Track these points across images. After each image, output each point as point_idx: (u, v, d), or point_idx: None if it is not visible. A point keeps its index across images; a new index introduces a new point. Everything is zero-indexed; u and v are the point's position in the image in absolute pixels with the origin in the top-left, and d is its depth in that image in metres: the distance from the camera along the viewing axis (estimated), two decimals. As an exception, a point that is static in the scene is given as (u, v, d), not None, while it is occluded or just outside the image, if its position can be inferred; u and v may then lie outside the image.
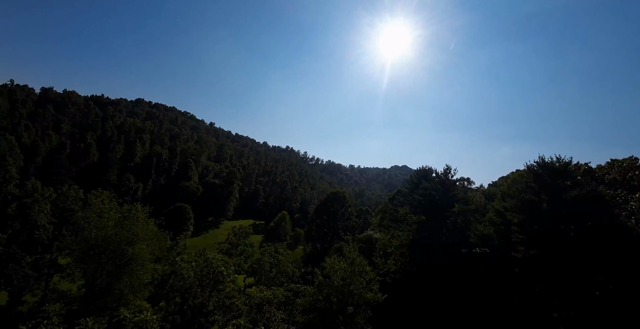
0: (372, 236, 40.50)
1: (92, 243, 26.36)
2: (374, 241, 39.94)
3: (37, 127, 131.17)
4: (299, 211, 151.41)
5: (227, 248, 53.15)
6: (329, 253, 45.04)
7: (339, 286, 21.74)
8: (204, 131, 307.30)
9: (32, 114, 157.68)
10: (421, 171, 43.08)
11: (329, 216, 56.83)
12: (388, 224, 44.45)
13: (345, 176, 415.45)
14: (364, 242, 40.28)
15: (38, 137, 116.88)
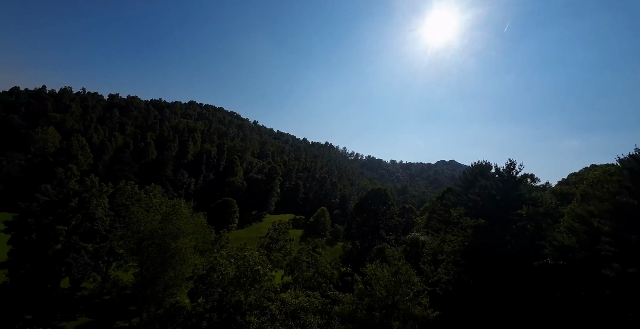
0: (419, 239, 37.14)
1: (140, 236, 27.79)
2: (420, 244, 36.58)
3: (105, 129, 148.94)
4: (339, 207, 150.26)
5: (267, 242, 53.96)
6: (370, 254, 42.69)
7: (382, 297, 19.57)
8: (248, 129, 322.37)
9: (101, 118, 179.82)
10: (477, 166, 38.21)
11: (369, 214, 54.14)
12: (437, 225, 40.53)
13: (387, 172, 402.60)
14: (408, 245, 37.14)
15: (105, 138, 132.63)
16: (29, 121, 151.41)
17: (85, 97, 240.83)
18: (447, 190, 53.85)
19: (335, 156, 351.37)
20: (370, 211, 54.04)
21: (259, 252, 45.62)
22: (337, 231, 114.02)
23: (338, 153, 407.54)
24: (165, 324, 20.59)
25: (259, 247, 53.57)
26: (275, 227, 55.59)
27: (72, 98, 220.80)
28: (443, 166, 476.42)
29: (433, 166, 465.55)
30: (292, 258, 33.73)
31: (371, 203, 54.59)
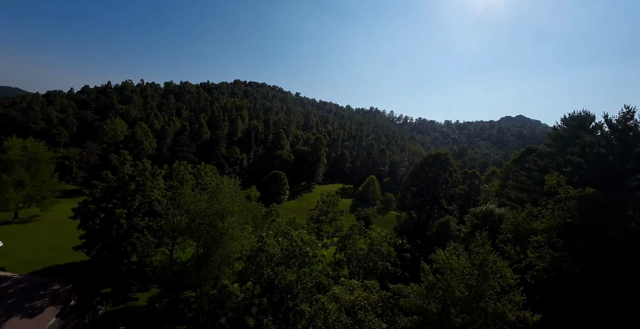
0: (494, 212, 31.41)
1: (190, 216, 27.86)
2: (496, 218, 30.96)
3: (164, 115, 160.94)
4: (388, 175, 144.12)
5: (317, 214, 53.15)
6: (431, 228, 38.45)
7: (462, 297, 15.89)
8: (291, 102, 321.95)
9: (160, 105, 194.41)
10: (574, 119, 29.79)
11: (427, 183, 48.53)
12: (516, 195, 33.97)
13: (441, 134, 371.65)
14: (480, 219, 31.82)
15: (165, 123, 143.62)
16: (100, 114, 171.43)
17: (145, 88, 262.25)
18: (529, 151, 44.92)
19: (381, 122, 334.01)
20: (428, 179, 48.29)
21: (308, 226, 45.24)
22: (388, 200, 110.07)
23: (385, 118, 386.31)
24: (216, 307, 20.43)
25: (309, 220, 53.17)
26: (324, 200, 54.09)
27: (133, 90, 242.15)
28: (508, 122, 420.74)
29: (496, 124, 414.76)
30: (344, 235, 31.51)
31: (429, 170, 48.56)
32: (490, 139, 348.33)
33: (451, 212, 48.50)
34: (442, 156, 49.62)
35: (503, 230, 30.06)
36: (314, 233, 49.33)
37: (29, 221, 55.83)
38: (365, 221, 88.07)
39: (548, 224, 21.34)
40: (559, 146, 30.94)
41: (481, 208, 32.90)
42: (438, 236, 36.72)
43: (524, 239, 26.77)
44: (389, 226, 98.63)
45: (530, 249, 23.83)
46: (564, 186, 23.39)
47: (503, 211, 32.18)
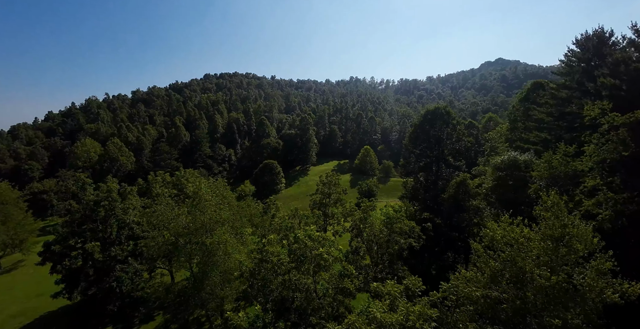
0: (517, 159, 27.34)
1: (175, 236, 23.35)
2: (522, 166, 26.97)
3: (137, 126, 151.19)
4: (381, 142, 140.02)
5: (319, 198, 49.08)
6: (448, 191, 34.58)
7: (544, 284, 11.17)
8: (268, 87, 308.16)
9: (130, 116, 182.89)
10: (591, 38, 25.16)
11: (430, 142, 44.19)
12: (537, 136, 29.86)
13: (425, 91, 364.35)
14: (502, 170, 27.86)
15: (140, 134, 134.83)
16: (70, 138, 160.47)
17: (112, 101, 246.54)
18: (535, 87, 40.37)
19: (364, 90, 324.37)
20: (431, 137, 43.90)
21: (312, 215, 41.32)
22: (386, 168, 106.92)
23: (367, 85, 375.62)
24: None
25: (312, 207, 49.24)
26: (324, 181, 49.80)
27: (99, 106, 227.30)
28: (489, 67, 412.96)
29: (477, 71, 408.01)
30: (358, 218, 27.50)
31: (430, 128, 44.01)
32: (474, 88, 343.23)
33: (459, 168, 44.77)
34: (441, 110, 44.80)
35: (534, 178, 26.18)
36: (322, 219, 45.53)
37: (14, 268, 51.16)
38: (368, 193, 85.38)
39: (598, 159, 17.31)
40: (580, 71, 26.30)
41: (502, 158, 28.85)
42: (456, 198, 32.97)
43: (565, 185, 22.86)
44: (393, 193, 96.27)
45: (579, 196, 19.87)
46: (610, 115, 19.04)
47: (528, 157, 28.17)
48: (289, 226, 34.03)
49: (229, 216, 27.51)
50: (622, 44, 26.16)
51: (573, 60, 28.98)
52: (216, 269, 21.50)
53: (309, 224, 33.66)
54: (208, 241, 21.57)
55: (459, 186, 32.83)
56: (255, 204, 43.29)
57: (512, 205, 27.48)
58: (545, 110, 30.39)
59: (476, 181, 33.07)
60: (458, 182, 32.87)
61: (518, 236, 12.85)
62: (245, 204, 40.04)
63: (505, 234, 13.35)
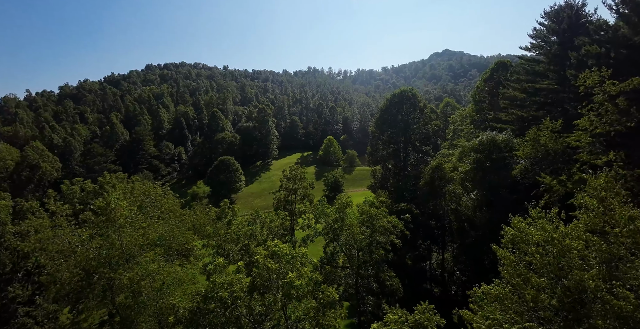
0: (496, 139, 24.53)
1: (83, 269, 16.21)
2: (502, 146, 24.22)
3: (64, 126, 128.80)
4: (344, 132, 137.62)
5: (284, 195, 43.32)
6: (422, 177, 31.18)
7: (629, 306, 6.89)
8: (220, 78, 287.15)
9: (56, 115, 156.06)
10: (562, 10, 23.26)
11: (397, 126, 40.90)
12: (513, 114, 27.45)
13: (381, 81, 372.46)
14: (481, 152, 24.90)
15: (68, 135, 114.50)
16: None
17: (34, 99, 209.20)
18: (499, 66, 38.60)
19: (323, 80, 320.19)
20: (398, 122, 40.64)
21: (277, 215, 35.31)
22: (350, 157, 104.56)
23: (325, 76, 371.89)
24: None
25: (276, 206, 43.46)
26: (288, 176, 44.09)
27: (18, 104, 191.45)
28: (437, 58, 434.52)
29: (427, 62, 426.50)
30: (332, 220, 22.43)
31: (397, 112, 40.70)
32: (425, 77, 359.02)
33: (428, 153, 42.39)
34: (407, 93, 41.72)
35: (518, 158, 23.42)
36: (288, 220, 39.93)
37: None
38: (334, 185, 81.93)
39: (597, 132, 14.41)
40: (558, 42, 23.93)
41: (480, 138, 25.88)
42: (432, 184, 29.74)
43: (555, 163, 20.11)
44: (359, 183, 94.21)
45: (578, 174, 16.92)
46: (607, 82, 16.18)
47: (506, 136, 25.50)
48: (249, 233, 28.00)
49: (165, 234, 20.71)
50: (594, 15, 24.33)
51: (545, 34, 26.72)
52: (144, 313, 15.02)
53: (274, 233, 27.91)
54: (126, 277, 14.91)
55: (435, 171, 29.56)
56: (207, 210, 36.15)
57: (494, 188, 24.74)
58: (518, 86, 27.97)
59: (448, 165, 30.07)
60: (433, 168, 29.57)
61: (565, 237, 8.75)
62: (192, 212, 32.90)
63: (544, 234, 9.21)
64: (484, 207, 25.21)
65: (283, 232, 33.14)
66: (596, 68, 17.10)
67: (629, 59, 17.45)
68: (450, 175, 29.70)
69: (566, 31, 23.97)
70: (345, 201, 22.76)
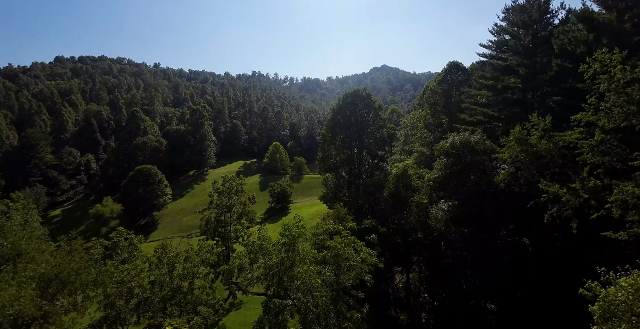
0: (469, 141, 20.42)
1: None
2: (477, 149, 20.19)
3: None
4: (291, 138, 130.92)
5: (215, 214, 33.71)
6: (386, 184, 25.88)
7: None
8: (149, 76, 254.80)
9: None
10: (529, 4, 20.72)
11: (350, 129, 35.72)
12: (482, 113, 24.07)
13: (327, 90, 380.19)
14: (452, 155, 20.50)
15: None
16: None
17: None
18: (452, 68, 36.68)
19: (268, 85, 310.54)
20: (352, 124, 35.50)
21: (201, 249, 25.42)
22: (298, 164, 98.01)
23: (270, 81, 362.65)
24: None
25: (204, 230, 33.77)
26: (220, 190, 34.84)
27: None
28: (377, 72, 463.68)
29: (368, 75, 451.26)
30: (276, 264, 14.42)
31: (350, 113, 35.53)
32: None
33: (384, 158, 38.16)
34: (361, 92, 37.02)
35: (500, 162, 19.46)
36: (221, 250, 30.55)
37: None
38: (282, 195, 74.02)
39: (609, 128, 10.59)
40: (532, 33, 21.27)
41: (451, 140, 21.57)
42: (396, 194, 24.63)
43: (551, 166, 16.24)
44: (308, 192, 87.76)
45: (592, 180, 12.86)
46: (618, 68, 12.65)
47: (479, 138, 21.68)
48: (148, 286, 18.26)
49: None
50: (560, 12, 22.58)
51: (510, 29, 24.23)
52: None
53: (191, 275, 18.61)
54: None
55: (399, 179, 24.53)
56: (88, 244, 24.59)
57: (474, 198, 20.40)
58: (485, 83, 24.90)
59: (410, 171, 25.43)
60: (398, 175, 24.50)
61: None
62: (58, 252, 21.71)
63: None
64: (462, 221, 20.74)
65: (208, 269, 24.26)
66: (606, 49, 13.55)
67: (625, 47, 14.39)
68: (416, 183, 24.99)
69: (537, 22, 21.50)
70: (296, 231, 15.36)
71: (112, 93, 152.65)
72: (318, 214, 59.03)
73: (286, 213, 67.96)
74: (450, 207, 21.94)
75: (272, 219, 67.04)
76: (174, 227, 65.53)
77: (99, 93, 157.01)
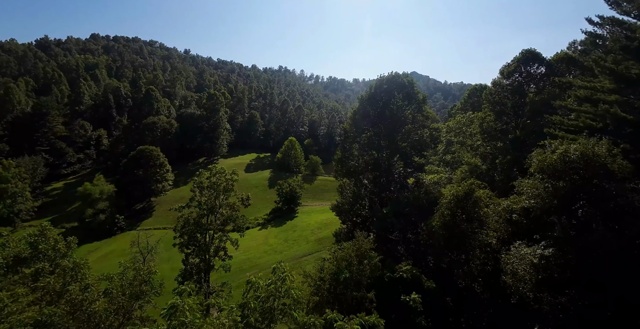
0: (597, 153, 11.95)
1: None
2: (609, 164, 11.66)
3: None
4: (309, 136, 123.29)
5: (195, 216, 26.44)
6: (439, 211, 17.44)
7: None
8: (178, 60, 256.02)
9: None
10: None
11: (382, 124, 27.49)
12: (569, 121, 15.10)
13: (352, 92, 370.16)
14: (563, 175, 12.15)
15: None
16: None
17: None
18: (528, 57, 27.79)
19: (293, 80, 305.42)
20: (385, 118, 27.32)
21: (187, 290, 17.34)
22: (313, 164, 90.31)
23: (296, 77, 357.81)
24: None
25: (180, 232, 26.45)
26: (202, 185, 27.51)
27: None
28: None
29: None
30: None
31: (384, 105, 27.33)
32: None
33: (421, 168, 29.53)
34: (401, 79, 28.58)
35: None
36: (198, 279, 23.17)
37: None
38: (290, 195, 66.53)
39: None
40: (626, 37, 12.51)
41: (563, 150, 12.99)
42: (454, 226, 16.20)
43: None
44: (320, 196, 79.13)
45: None
46: None
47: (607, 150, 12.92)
48: None
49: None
50: None
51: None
52: None
53: None
54: None
55: (460, 203, 16.07)
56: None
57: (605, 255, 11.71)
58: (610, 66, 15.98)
59: (479, 193, 16.82)
60: (459, 197, 16.05)
61: None
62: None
63: None
64: (567, 285, 12.14)
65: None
66: None
67: None
68: (484, 212, 16.44)
69: None
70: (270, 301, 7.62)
71: (136, 72, 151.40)
72: (328, 224, 51.16)
73: (293, 217, 60.44)
74: (547, 259, 13.30)
75: (277, 221, 59.72)
76: (169, 216, 59.49)
77: (124, 71, 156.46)
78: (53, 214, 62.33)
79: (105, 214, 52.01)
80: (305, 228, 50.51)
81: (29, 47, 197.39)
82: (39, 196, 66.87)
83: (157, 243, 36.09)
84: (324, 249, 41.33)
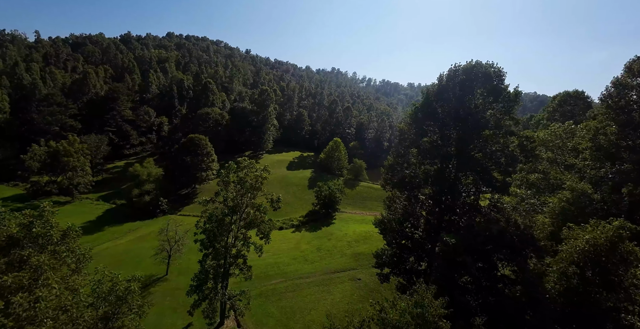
0: None
1: None
2: None
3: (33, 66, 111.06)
4: (355, 138, 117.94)
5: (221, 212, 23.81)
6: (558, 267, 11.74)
7: None
8: (239, 59, 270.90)
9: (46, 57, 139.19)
10: None
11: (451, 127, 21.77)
12: None
13: (405, 96, 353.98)
14: None
15: (38, 77, 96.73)
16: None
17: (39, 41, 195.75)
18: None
19: (344, 82, 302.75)
20: (457, 121, 21.58)
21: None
22: (357, 168, 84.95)
23: (348, 79, 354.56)
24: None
25: (203, 229, 23.99)
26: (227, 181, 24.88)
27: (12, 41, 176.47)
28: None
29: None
30: None
31: (458, 101, 21.49)
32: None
33: (504, 188, 22.87)
34: (485, 69, 22.32)
35: None
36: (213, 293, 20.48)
37: None
38: (329, 199, 62.18)
39: None
40: None
41: None
42: (582, 292, 10.20)
43: None
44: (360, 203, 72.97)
45: None
46: None
47: None
48: None
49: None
50: None
51: None
52: None
53: None
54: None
55: (600, 257, 10.10)
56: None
57: None
58: None
59: (629, 247, 10.53)
60: (601, 247, 10.10)
61: None
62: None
63: None
64: None
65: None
66: None
67: None
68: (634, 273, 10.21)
69: None
70: None
71: (200, 67, 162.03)
72: (367, 238, 45.25)
73: (329, 223, 56.16)
74: None
75: (311, 225, 56.03)
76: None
77: (190, 66, 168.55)
78: (108, 190, 67.04)
79: (151, 195, 53.73)
80: (342, 239, 45.81)
81: (113, 41, 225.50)
82: (100, 172, 72.73)
83: (185, 233, 34.76)
84: (360, 267, 36.26)
